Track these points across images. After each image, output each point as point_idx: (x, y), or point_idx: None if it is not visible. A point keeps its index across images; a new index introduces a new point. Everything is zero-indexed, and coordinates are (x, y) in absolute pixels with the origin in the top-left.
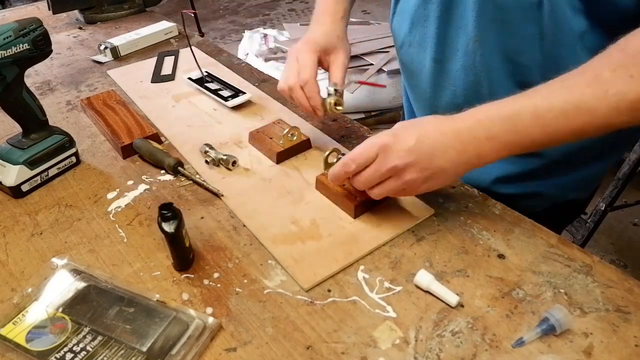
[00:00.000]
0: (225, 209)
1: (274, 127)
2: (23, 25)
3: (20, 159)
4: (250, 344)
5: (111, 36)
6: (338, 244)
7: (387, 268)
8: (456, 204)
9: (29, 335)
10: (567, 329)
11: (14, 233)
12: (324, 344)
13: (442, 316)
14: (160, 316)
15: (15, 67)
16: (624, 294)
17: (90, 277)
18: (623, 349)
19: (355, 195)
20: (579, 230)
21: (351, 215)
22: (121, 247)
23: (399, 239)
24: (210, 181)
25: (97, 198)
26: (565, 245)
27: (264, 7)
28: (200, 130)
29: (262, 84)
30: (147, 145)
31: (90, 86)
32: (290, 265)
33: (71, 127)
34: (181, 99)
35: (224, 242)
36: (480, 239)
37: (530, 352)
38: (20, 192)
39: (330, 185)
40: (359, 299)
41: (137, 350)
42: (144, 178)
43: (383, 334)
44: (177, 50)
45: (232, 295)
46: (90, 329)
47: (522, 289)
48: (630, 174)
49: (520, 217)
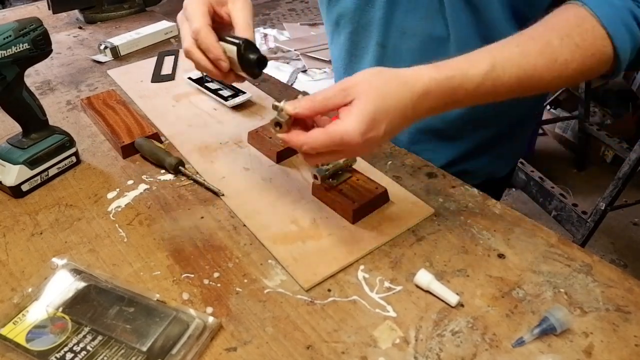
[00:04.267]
0: (225, 208)
1: None
2: (23, 25)
3: (20, 159)
4: (250, 343)
5: (111, 36)
6: (338, 244)
7: (387, 268)
8: (456, 204)
9: (29, 335)
10: (567, 328)
11: (14, 233)
12: (324, 344)
13: (442, 316)
14: (160, 316)
15: (15, 66)
16: (624, 294)
17: (91, 277)
18: (623, 348)
19: (353, 200)
20: (579, 230)
21: (349, 221)
22: (121, 247)
23: (399, 239)
24: (211, 181)
25: (97, 198)
26: (565, 245)
27: (263, 6)
28: (200, 129)
29: (262, 84)
30: (148, 145)
31: (90, 86)
32: (291, 265)
33: (71, 126)
34: (181, 99)
35: (224, 241)
36: (480, 238)
37: (530, 351)
38: (20, 192)
39: (327, 192)
40: (359, 299)
41: (137, 350)
42: (144, 178)
43: (383, 334)
44: (177, 50)
45: (232, 295)
46: (90, 328)
47: (522, 288)
48: (630, 173)
49: (520, 216)
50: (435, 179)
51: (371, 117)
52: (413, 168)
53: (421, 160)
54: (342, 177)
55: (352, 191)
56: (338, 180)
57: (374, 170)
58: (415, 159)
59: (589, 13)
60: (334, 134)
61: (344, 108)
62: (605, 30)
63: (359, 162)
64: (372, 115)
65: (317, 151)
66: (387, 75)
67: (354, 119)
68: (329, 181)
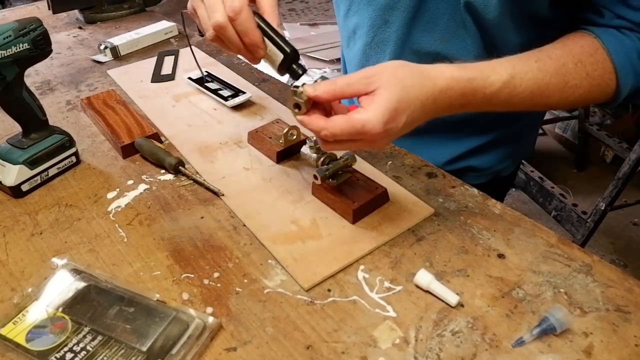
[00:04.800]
0: (225, 208)
1: (273, 127)
2: (23, 25)
3: (20, 159)
4: (250, 343)
5: (111, 36)
6: (338, 244)
7: (387, 268)
8: (456, 204)
9: (29, 335)
10: (567, 328)
11: (14, 233)
12: (324, 344)
13: (442, 316)
14: (160, 316)
15: (15, 66)
16: (624, 294)
17: (90, 277)
18: (623, 348)
19: (353, 200)
20: (579, 230)
21: (349, 221)
22: (121, 247)
23: (399, 239)
24: (211, 181)
25: (97, 198)
26: (565, 245)
27: None
28: (200, 129)
29: (262, 84)
30: (148, 145)
31: (90, 86)
32: (290, 265)
33: (71, 126)
34: (181, 99)
35: (224, 241)
36: (480, 238)
37: (530, 351)
38: (20, 192)
39: (327, 192)
40: (359, 299)
41: (137, 350)
42: (144, 178)
43: (383, 334)
44: (177, 50)
45: (232, 295)
46: (90, 328)
47: (522, 288)
48: (630, 173)
49: (520, 216)
50: (435, 179)
51: (394, 107)
52: (413, 168)
53: (421, 160)
54: (342, 177)
55: (352, 191)
56: (338, 180)
57: (374, 170)
58: (415, 158)
59: (602, 46)
60: (356, 122)
61: (365, 97)
62: (613, 65)
63: (359, 162)
64: (395, 105)
65: (336, 138)
66: (411, 68)
67: (377, 108)
68: (329, 181)
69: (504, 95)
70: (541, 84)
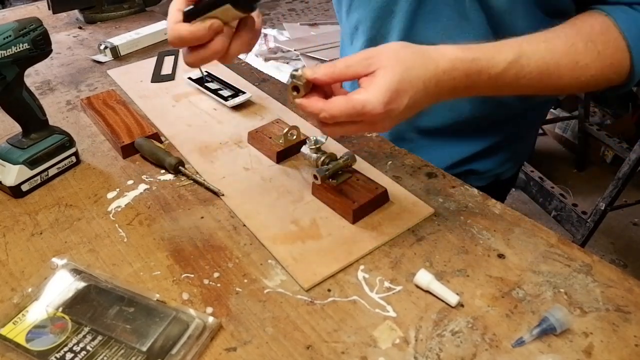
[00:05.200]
0: (225, 208)
1: (273, 127)
2: (23, 25)
3: (20, 159)
4: (250, 343)
5: (111, 36)
6: (338, 244)
7: (387, 268)
8: (456, 204)
9: (29, 335)
10: (567, 328)
11: (14, 233)
12: (324, 344)
13: (442, 316)
14: (160, 316)
15: (15, 66)
16: (624, 294)
17: (90, 277)
18: (623, 348)
19: (353, 200)
20: (579, 230)
21: (349, 221)
22: (121, 247)
23: (399, 239)
24: (211, 181)
25: (97, 198)
26: (565, 245)
27: (263, 6)
28: (200, 129)
29: (262, 84)
30: (148, 145)
31: (90, 86)
32: (290, 265)
33: (71, 126)
34: (181, 99)
35: (224, 241)
36: (480, 238)
37: (530, 351)
38: (20, 192)
39: (327, 192)
40: (359, 299)
41: (137, 350)
42: (144, 178)
43: (383, 334)
44: (177, 50)
45: (232, 295)
46: (90, 328)
47: (522, 288)
48: (630, 173)
49: (520, 216)
50: (435, 179)
51: (395, 87)
52: (413, 168)
53: (421, 160)
54: (342, 177)
55: (352, 191)
56: (338, 180)
57: (374, 170)
58: (415, 158)
59: (613, 24)
60: (356, 102)
61: (365, 78)
62: (627, 43)
63: (359, 162)
64: (396, 85)
65: (336, 120)
66: (412, 49)
67: (377, 88)
68: (329, 181)
69: (511, 76)
70: (550, 65)
